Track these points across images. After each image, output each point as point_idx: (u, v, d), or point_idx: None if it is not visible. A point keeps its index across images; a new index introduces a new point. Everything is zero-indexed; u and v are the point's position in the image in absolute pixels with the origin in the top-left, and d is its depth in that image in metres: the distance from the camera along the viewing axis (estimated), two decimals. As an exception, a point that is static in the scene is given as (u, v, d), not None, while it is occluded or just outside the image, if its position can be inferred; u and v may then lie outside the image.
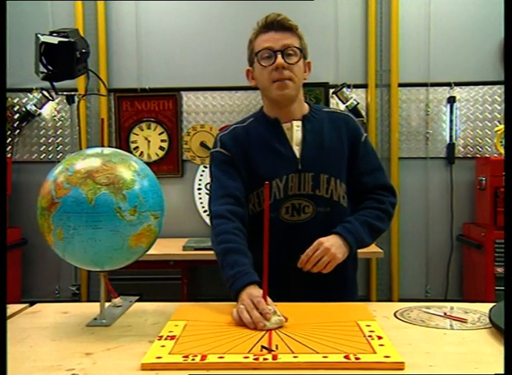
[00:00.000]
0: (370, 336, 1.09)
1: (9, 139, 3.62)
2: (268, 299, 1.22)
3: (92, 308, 1.34)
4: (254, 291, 1.27)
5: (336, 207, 1.57)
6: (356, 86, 3.53)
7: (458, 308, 1.35)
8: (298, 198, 1.56)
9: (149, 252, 1.29)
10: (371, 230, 1.56)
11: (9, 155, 3.57)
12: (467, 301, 2.89)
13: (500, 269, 3.12)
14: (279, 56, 1.53)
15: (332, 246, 1.45)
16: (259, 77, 1.59)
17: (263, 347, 1.03)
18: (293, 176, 1.55)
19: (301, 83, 1.60)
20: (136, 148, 3.61)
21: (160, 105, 3.61)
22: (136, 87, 3.60)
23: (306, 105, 1.65)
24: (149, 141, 3.61)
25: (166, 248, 3.09)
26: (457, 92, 3.52)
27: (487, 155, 3.47)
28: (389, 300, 3.50)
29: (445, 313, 1.29)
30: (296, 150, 1.57)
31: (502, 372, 0.91)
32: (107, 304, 1.36)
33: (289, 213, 1.56)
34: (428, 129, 3.57)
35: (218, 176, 1.60)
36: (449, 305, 1.38)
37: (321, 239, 1.47)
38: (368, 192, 1.63)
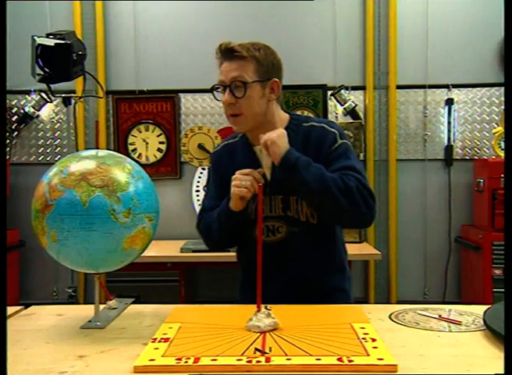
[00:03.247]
0: (364, 338, 1.09)
1: (7, 141, 3.62)
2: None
3: (87, 311, 1.34)
4: None
5: (304, 226, 1.55)
6: (354, 88, 3.53)
7: (454, 310, 1.35)
8: (270, 220, 1.57)
9: (147, 254, 1.29)
10: (317, 177, 1.44)
11: (7, 157, 3.57)
12: (465, 303, 2.90)
13: (498, 271, 3.12)
14: (227, 92, 1.52)
15: (281, 134, 1.48)
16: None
17: (256, 349, 1.03)
18: (264, 199, 1.53)
19: (260, 111, 1.54)
20: (135, 149, 3.61)
21: (158, 107, 3.61)
22: (135, 88, 3.60)
23: (284, 120, 1.61)
24: (147, 143, 3.61)
25: (164, 249, 3.09)
26: (455, 94, 3.52)
27: (485, 157, 3.47)
28: (388, 302, 3.49)
29: (439, 315, 1.29)
30: (268, 173, 1.56)
31: (496, 373, 0.91)
32: (102, 306, 1.36)
33: (264, 234, 1.56)
34: (426, 131, 3.57)
35: (210, 188, 1.75)
36: (445, 307, 1.38)
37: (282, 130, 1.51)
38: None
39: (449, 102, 3.50)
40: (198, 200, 3.59)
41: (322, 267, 1.61)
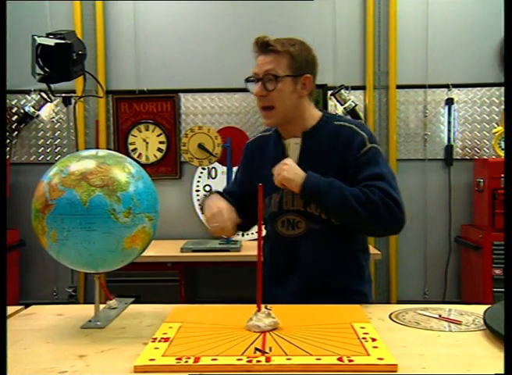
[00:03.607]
0: (364, 338, 1.09)
1: (7, 140, 3.62)
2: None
3: (87, 311, 1.34)
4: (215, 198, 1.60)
5: (325, 225, 1.56)
6: (354, 88, 3.53)
7: (455, 310, 1.35)
8: (292, 214, 1.59)
9: (147, 254, 1.29)
10: (339, 198, 1.45)
11: (7, 157, 3.57)
12: (465, 303, 2.90)
13: (498, 271, 3.12)
14: (259, 84, 1.56)
15: (288, 166, 1.48)
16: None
17: (256, 349, 1.03)
18: (287, 192, 1.57)
19: (290, 106, 1.57)
20: (135, 149, 3.61)
21: (158, 106, 3.61)
22: (135, 88, 3.60)
23: (316, 117, 1.63)
24: (147, 143, 3.61)
25: (164, 249, 3.10)
26: (455, 94, 3.52)
27: (485, 157, 3.47)
28: (388, 302, 3.49)
29: (440, 315, 1.29)
30: None
31: (496, 373, 0.91)
32: (102, 306, 1.35)
33: (285, 227, 1.60)
34: (427, 131, 3.57)
35: (237, 174, 1.82)
36: (445, 306, 1.38)
37: (291, 161, 1.52)
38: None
39: (449, 102, 3.50)
40: (198, 200, 3.59)
41: (341, 268, 1.60)
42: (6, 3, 1.13)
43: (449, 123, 3.53)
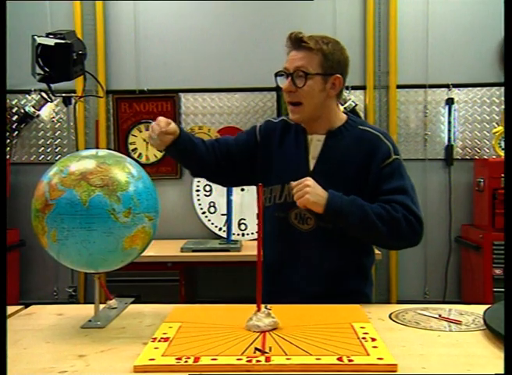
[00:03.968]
0: (364, 338, 1.09)
1: (8, 140, 3.62)
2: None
3: (87, 310, 1.34)
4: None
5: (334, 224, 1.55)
6: (354, 87, 3.53)
7: (455, 310, 1.35)
8: (303, 209, 1.55)
9: (147, 254, 1.29)
10: (361, 217, 1.46)
11: (8, 157, 3.57)
12: (465, 302, 2.90)
13: (498, 271, 3.12)
14: (288, 79, 1.56)
15: (311, 188, 1.45)
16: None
17: (256, 349, 1.03)
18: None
19: (317, 104, 1.57)
20: (135, 149, 3.61)
21: (158, 106, 3.61)
22: (135, 88, 3.60)
23: (341, 119, 1.63)
24: (147, 143, 3.60)
25: (164, 249, 3.10)
26: (455, 94, 3.52)
27: (485, 157, 3.47)
28: (388, 302, 3.49)
29: (440, 315, 1.29)
30: (312, 163, 1.59)
31: (496, 373, 0.91)
32: (102, 306, 1.36)
33: (297, 220, 1.59)
34: (427, 130, 3.56)
35: (240, 135, 1.77)
36: (445, 306, 1.38)
37: (311, 180, 1.48)
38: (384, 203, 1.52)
39: (450, 102, 3.50)
40: (198, 200, 3.59)
41: (345, 269, 1.60)
42: (6, 3, 1.13)
43: (449, 122, 3.52)
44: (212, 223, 3.55)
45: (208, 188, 3.58)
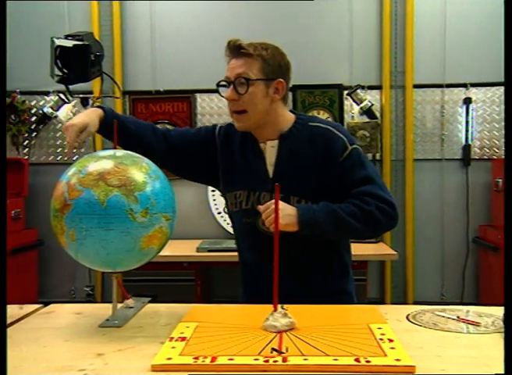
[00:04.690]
0: (381, 339, 1.09)
1: (27, 141, 3.67)
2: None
3: (105, 310, 1.35)
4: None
5: None
6: (370, 87, 3.52)
7: (473, 311, 1.34)
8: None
9: (163, 254, 1.30)
10: (336, 223, 1.46)
11: (26, 157, 3.62)
12: (483, 304, 2.86)
13: (517, 272, 3.08)
14: (230, 88, 1.54)
15: (280, 210, 1.37)
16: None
17: (273, 349, 1.03)
18: (265, 194, 1.56)
19: (263, 110, 1.54)
20: (151, 149, 3.63)
21: (174, 107, 3.63)
22: (151, 89, 3.62)
23: (290, 120, 1.60)
24: (163, 143, 3.63)
25: (180, 249, 3.11)
26: (473, 93, 3.48)
27: (503, 157, 3.42)
28: (404, 303, 3.47)
29: (458, 317, 1.28)
30: (270, 170, 1.58)
31: (496, 373, 0.90)
32: (119, 305, 1.37)
33: (266, 225, 1.51)
34: (444, 130, 3.53)
35: (190, 130, 1.75)
36: (463, 308, 1.37)
37: (280, 201, 1.44)
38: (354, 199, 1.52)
39: (467, 101, 3.47)
40: (214, 200, 3.60)
41: (324, 268, 1.60)
42: (6, 3, 1.13)
43: (466, 122, 3.49)
44: (228, 223, 3.55)
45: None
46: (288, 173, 1.54)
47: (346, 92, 3.51)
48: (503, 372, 0.93)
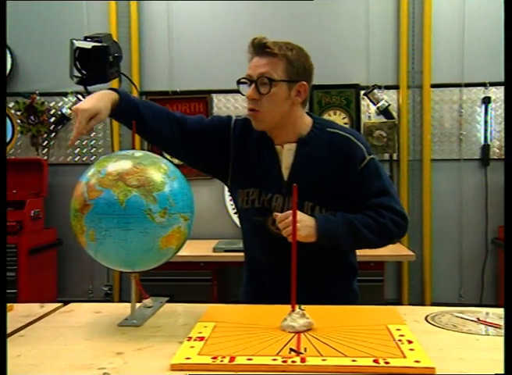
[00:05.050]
0: (400, 340, 1.08)
1: (46, 142, 3.72)
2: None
3: (123, 309, 1.36)
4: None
5: None
6: (387, 87, 3.50)
7: (492, 313, 1.32)
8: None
9: (180, 254, 1.31)
10: (353, 234, 1.47)
11: (45, 158, 3.67)
12: (503, 306, 2.82)
13: (537, 274, 3.04)
14: (252, 86, 1.51)
15: (300, 221, 1.39)
16: None
17: (291, 349, 1.03)
18: (278, 196, 1.55)
19: (280, 112, 1.52)
20: (168, 150, 3.65)
21: (191, 107, 3.65)
22: (168, 89, 3.64)
23: (308, 123, 1.59)
24: (180, 144, 3.65)
25: (197, 249, 3.12)
26: (493, 92, 3.44)
27: (523, 157, 3.38)
28: (422, 304, 3.44)
29: (478, 318, 1.27)
30: (285, 173, 1.56)
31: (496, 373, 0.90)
32: (138, 304, 1.38)
33: (275, 226, 1.51)
34: (462, 130, 3.50)
35: (204, 119, 1.69)
36: (483, 310, 1.35)
37: (298, 212, 1.43)
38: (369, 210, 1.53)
39: (486, 101, 3.43)
40: (230, 200, 3.61)
41: (330, 267, 1.60)
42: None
43: (485, 122, 3.45)
44: (244, 224, 3.56)
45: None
46: (303, 178, 1.51)
47: (362, 92, 3.49)
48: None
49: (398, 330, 1.15)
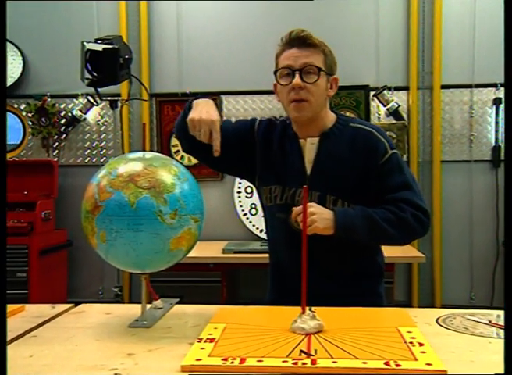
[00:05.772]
0: (411, 342, 1.07)
1: (56, 143, 3.74)
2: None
3: (134, 310, 1.37)
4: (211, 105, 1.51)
5: None
6: (397, 88, 3.49)
7: (504, 316, 1.31)
8: None
9: (189, 255, 1.31)
10: (371, 228, 1.46)
11: (56, 159, 3.69)
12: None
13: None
14: (297, 76, 1.51)
15: (317, 213, 1.42)
16: (280, 95, 1.61)
17: (302, 351, 1.03)
18: (301, 191, 1.55)
19: (322, 103, 1.56)
20: (177, 151, 3.66)
21: (200, 109, 3.65)
22: (177, 91, 3.65)
23: (332, 119, 1.61)
24: (190, 145, 3.66)
25: (206, 250, 3.12)
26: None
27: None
28: (432, 306, 3.42)
29: (490, 321, 1.26)
30: (308, 167, 1.57)
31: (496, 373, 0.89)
32: (148, 306, 1.38)
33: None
34: (473, 131, 3.48)
35: (231, 125, 1.71)
36: (494, 312, 1.34)
37: (314, 204, 1.46)
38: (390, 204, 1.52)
39: (497, 102, 3.40)
40: (240, 201, 3.61)
41: (354, 268, 1.59)
42: (6, 3, 1.14)
43: (496, 123, 3.43)
44: (253, 225, 3.56)
45: (249, 190, 3.60)
46: (326, 172, 1.54)
47: (372, 93, 3.48)
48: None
49: (409, 332, 1.14)
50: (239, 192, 3.62)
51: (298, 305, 1.19)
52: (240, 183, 3.62)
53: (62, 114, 3.72)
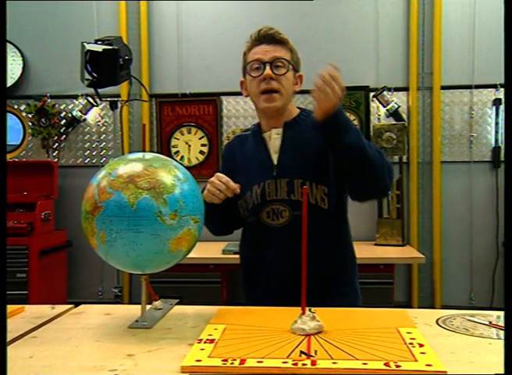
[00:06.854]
0: (411, 343, 1.07)
1: (56, 144, 3.74)
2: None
3: (133, 311, 1.37)
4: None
5: (312, 210, 1.47)
6: (397, 89, 3.49)
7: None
8: (276, 203, 1.60)
9: (189, 256, 1.31)
10: (359, 138, 1.46)
11: (56, 160, 3.69)
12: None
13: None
14: (268, 67, 1.57)
15: (327, 94, 1.39)
16: (249, 88, 1.65)
17: (302, 352, 1.03)
18: (270, 182, 1.60)
19: (290, 95, 1.63)
20: (177, 152, 3.66)
21: (200, 109, 3.66)
22: (177, 92, 3.65)
23: (296, 112, 1.67)
24: (189, 146, 3.67)
25: (206, 251, 3.12)
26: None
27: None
28: (432, 307, 3.42)
29: (490, 322, 1.26)
30: (274, 157, 1.62)
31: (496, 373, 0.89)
32: (148, 306, 1.38)
33: (270, 217, 1.61)
34: (472, 132, 3.48)
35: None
36: (494, 313, 1.34)
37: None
38: None
39: (497, 102, 3.40)
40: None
41: (330, 258, 1.60)
42: (6, 3, 1.14)
43: (496, 123, 3.43)
44: (253, 226, 3.56)
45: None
46: (292, 159, 1.59)
47: (372, 94, 3.48)
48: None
49: (409, 333, 1.14)
50: (239, 193, 3.62)
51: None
52: (239, 183, 3.61)
53: (62, 115, 3.72)
